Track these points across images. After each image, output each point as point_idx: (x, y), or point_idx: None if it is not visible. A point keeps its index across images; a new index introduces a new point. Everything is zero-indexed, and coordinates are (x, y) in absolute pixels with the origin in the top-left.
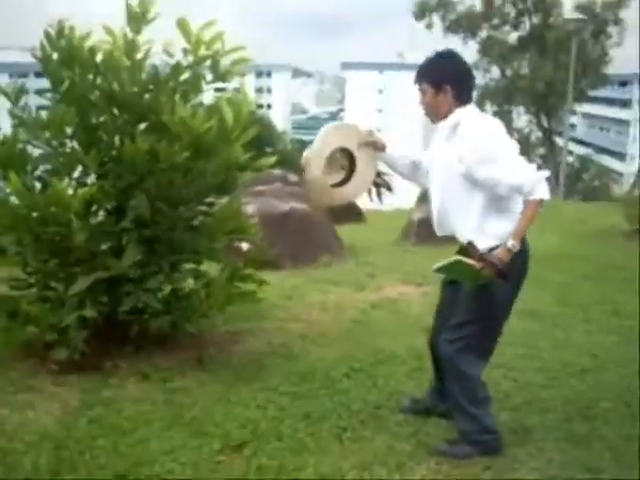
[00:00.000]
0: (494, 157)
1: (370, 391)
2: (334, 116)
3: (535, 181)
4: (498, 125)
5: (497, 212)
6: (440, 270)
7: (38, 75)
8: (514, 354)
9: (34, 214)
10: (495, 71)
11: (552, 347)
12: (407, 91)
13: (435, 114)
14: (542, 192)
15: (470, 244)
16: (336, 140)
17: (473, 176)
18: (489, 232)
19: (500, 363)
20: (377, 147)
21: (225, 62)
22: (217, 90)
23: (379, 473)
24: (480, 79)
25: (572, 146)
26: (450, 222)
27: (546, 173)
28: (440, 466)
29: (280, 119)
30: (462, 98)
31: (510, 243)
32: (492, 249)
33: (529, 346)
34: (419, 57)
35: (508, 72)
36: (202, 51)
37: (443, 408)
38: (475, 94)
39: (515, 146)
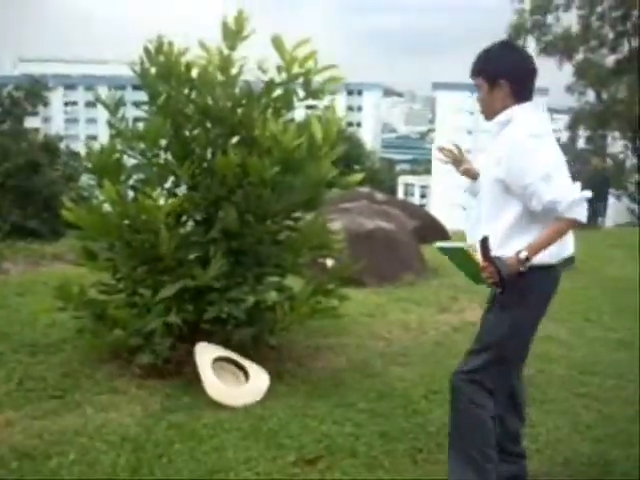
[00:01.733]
0: (533, 165)
1: (448, 414)
2: (423, 136)
3: (575, 201)
4: (547, 129)
5: (526, 230)
6: (442, 250)
7: (135, 88)
8: (599, 385)
9: (126, 222)
10: (591, 94)
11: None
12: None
13: (490, 112)
14: (579, 214)
15: (484, 240)
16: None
17: (508, 184)
18: (512, 246)
19: (583, 393)
20: (471, 175)
21: (317, 80)
22: (308, 107)
23: None
24: (575, 102)
25: None
26: (480, 230)
27: (587, 194)
28: None
29: (370, 137)
30: (520, 95)
31: (523, 254)
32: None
33: (615, 377)
34: None
35: (604, 96)
36: (295, 69)
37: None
38: (569, 118)
39: (561, 158)
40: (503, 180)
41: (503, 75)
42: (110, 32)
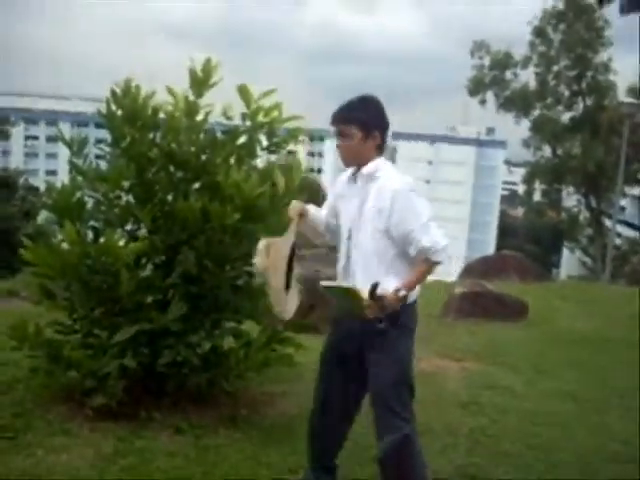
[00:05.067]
0: (414, 217)
1: None
2: None
3: (442, 248)
4: (413, 184)
5: (398, 269)
6: (328, 289)
7: (98, 125)
8: (548, 436)
9: (85, 262)
10: (546, 149)
11: (587, 431)
12: (456, 164)
13: (357, 161)
14: (443, 258)
15: (375, 285)
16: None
17: (390, 231)
18: (386, 284)
19: (534, 444)
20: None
21: (281, 129)
22: (271, 152)
23: None
24: (531, 157)
25: (620, 228)
26: (356, 271)
27: (447, 241)
28: None
29: (330, 184)
30: (381, 149)
31: (402, 292)
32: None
33: (564, 428)
34: (471, 131)
35: (559, 151)
36: (260, 118)
37: None
38: (525, 171)
39: (429, 206)
40: (386, 229)
41: (377, 127)
42: (75, 69)
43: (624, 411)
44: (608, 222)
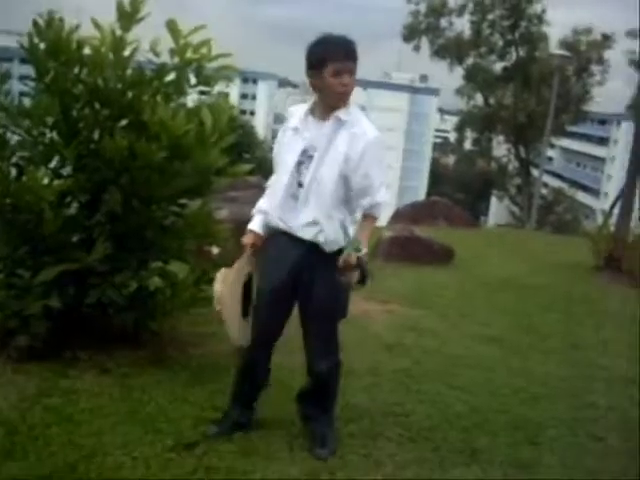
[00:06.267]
0: (377, 173)
1: None
2: None
3: (385, 203)
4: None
5: (338, 213)
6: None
7: (23, 61)
8: (469, 377)
9: (7, 200)
10: (478, 98)
11: (507, 374)
12: (389, 110)
13: (348, 100)
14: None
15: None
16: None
17: (349, 179)
18: (331, 224)
19: (455, 385)
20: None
21: (211, 67)
22: (202, 93)
23: None
24: (463, 105)
25: (547, 178)
26: (310, 201)
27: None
28: None
29: (262, 127)
30: None
31: (364, 252)
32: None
33: (485, 370)
34: (405, 78)
35: (491, 100)
36: (189, 54)
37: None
38: (457, 119)
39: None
40: (346, 176)
41: None
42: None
43: (545, 354)
44: (536, 172)
